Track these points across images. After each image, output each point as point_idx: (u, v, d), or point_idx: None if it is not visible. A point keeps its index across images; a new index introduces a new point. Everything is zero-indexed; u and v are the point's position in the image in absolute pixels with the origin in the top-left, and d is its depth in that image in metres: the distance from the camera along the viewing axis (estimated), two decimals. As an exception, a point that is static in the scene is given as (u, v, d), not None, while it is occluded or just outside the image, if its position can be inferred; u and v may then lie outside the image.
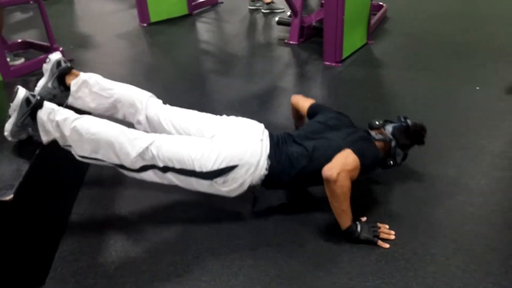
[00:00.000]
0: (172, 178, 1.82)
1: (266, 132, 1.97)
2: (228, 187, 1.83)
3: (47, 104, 1.79)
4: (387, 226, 1.90)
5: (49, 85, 2.00)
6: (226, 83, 3.55)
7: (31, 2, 5.51)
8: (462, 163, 2.39)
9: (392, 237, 1.87)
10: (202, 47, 4.57)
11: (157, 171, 1.80)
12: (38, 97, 1.78)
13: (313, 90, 3.50)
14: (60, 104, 1.85)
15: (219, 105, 3.19)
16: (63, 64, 2.00)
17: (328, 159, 1.81)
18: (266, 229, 1.95)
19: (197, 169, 1.77)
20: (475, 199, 2.11)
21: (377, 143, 2.04)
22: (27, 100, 1.75)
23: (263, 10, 5.40)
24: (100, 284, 1.70)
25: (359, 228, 1.83)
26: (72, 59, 3.99)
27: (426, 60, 3.91)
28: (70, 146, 1.80)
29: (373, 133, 2.09)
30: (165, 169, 1.79)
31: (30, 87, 2.13)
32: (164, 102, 2.06)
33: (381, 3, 5.09)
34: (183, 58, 4.13)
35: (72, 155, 1.82)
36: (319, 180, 1.80)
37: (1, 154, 1.77)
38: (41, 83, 2.01)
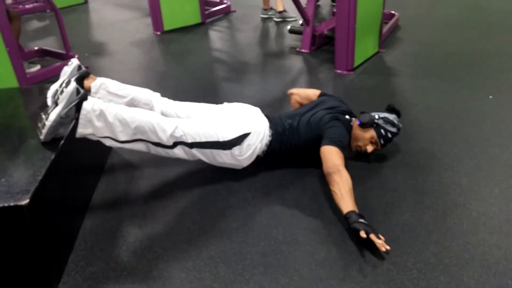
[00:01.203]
0: (196, 153, 2.12)
1: (263, 114, 2.38)
2: (243, 155, 2.18)
3: (90, 97, 1.95)
4: (383, 239, 1.82)
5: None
6: (238, 91, 3.58)
7: (48, 10, 5.62)
8: (475, 172, 2.37)
9: (378, 242, 1.78)
10: (214, 55, 4.60)
11: (184, 147, 2.08)
12: (84, 91, 1.93)
13: (325, 98, 3.50)
14: None
15: (231, 113, 3.21)
16: (83, 68, 2.21)
17: (313, 131, 2.31)
18: (277, 237, 1.96)
19: (220, 139, 2.10)
20: (488, 209, 2.10)
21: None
22: (77, 90, 1.89)
23: (275, 19, 5.42)
24: (113, 290, 1.71)
25: (360, 220, 1.84)
26: (87, 67, 4.04)
27: (438, 68, 3.90)
28: (107, 137, 1.97)
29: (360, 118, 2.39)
30: (192, 145, 2.08)
31: (46, 94, 2.17)
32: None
33: (393, 12, 5.09)
34: (196, 66, 4.17)
35: (90, 156, 1.92)
36: (304, 152, 2.34)
37: (18, 159, 1.80)
38: (55, 85, 2.09)
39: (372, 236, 1.79)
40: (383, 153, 2.57)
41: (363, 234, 1.79)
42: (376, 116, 2.37)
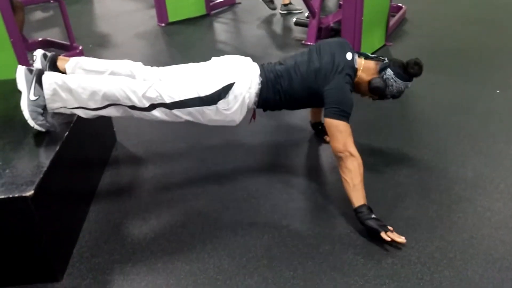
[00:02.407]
0: (179, 114, 1.95)
1: (255, 63, 2.19)
2: (231, 109, 1.98)
3: (49, 72, 1.89)
4: (402, 237, 1.83)
5: None
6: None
7: (52, 1, 5.60)
8: (480, 167, 2.36)
9: (400, 240, 1.80)
10: (219, 47, 4.58)
11: (164, 109, 1.93)
12: (35, 68, 1.88)
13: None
14: None
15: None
16: (48, 54, 2.08)
17: (309, 76, 2.07)
18: (282, 230, 1.95)
19: (201, 94, 1.93)
20: (493, 204, 2.09)
21: (365, 62, 2.16)
22: (29, 70, 1.83)
23: (280, 11, 5.39)
24: (117, 281, 1.72)
25: (372, 215, 1.84)
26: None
27: (445, 62, 3.87)
28: (78, 107, 1.89)
29: (362, 52, 2.21)
30: (172, 105, 1.92)
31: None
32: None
33: (400, 5, 5.05)
34: (201, 58, 4.08)
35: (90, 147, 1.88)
36: (304, 101, 2.16)
37: (23, 151, 1.80)
38: None
39: (393, 236, 1.82)
40: (388, 147, 2.56)
41: (386, 236, 1.80)
42: (389, 77, 2.13)
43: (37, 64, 2.03)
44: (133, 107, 1.91)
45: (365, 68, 2.15)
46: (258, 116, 2.28)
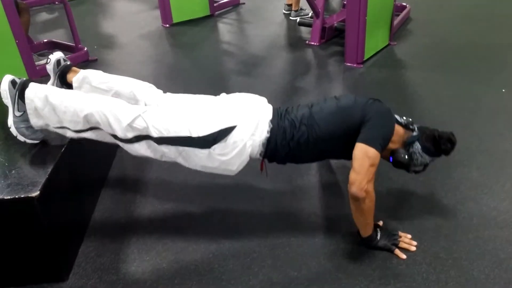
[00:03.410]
0: (167, 151, 1.70)
1: (270, 105, 1.88)
2: (227, 155, 1.69)
3: (34, 83, 1.77)
4: (409, 236, 1.87)
5: (55, 85, 2.02)
6: (247, 84, 3.56)
7: (57, 2, 5.63)
8: (486, 167, 2.35)
9: (413, 248, 1.82)
10: (223, 48, 4.59)
11: (151, 142, 1.70)
12: (24, 78, 1.78)
13: (334, 91, 3.49)
14: None
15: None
16: (62, 63, 2.01)
17: (336, 121, 1.74)
18: (286, 230, 1.95)
19: (193, 134, 1.66)
20: (499, 204, 2.08)
21: (397, 126, 1.85)
22: (12, 82, 1.75)
23: (291, 18, 5.30)
24: (122, 281, 1.72)
25: (379, 236, 1.81)
26: (96, 59, 4.05)
27: (450, 61, 3.86)
28: (61, 127, 1.77)
29: (397, 116, 1.91)
30: (160, 140, 1.68)
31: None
32: (165, 92, 2.03)
33: (404, 4, 5.04)
34: (205, 59, 4.16)
35: (92, 152, 1.82)
36: (328, 150, 1.77)
37: (28, 153, 1.81)
38: (49, 83, 2.03)
39: (405, 246, 1.82)
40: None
41: (401, 254, 1.79)
42: (416, 151, 1.85)
43: (50, 67, 2.01)
44: (114, 136, 1.73)
45: (395, 132, 1.83)
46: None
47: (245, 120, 1.71)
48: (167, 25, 5.04)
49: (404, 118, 1.92)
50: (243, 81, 3.64)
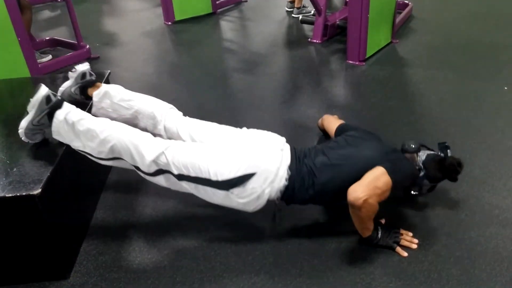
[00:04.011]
0: (186, 187, 1.77)
1: (288, 145, 1.89)
2: (245, 198, 1.73)
3: (66, 105, 1.79)
4: (410, 234, 1.86)
5: (72, 90, 2.03)
6: (249, 81, 3.56)
7: (59, 0, 5.62)
8: (488, 164, 2.34)
9: (414, 246, 1.82)
10: (225, 46, 4.59)
11: (171, 177, 1.75)
12: (59, 97, 1.79)
13: (336, 89, 3.48)
14: (81, 105, 1.86)
15: (241, 103, 3.20)
16: (87, 77, 2.02)
17: (358, 172, 1.71)
18: (288, 228, 1.95)
19: (213, 177, 1.70)
20: (501, 201, 2.07)
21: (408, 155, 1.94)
22: (47, 98, 1.75)
23: (293, 15, 5.29)
24: (124, 279, 1.73)
25: (379, 235, 1.80)
26: (98, 57, 4.06)
27: (452, 59, 3.85)
28: (83, 151, 1.79)
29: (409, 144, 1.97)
30: (180, 176, 1.74)
31: (57, 83, 2.18)
32: (185, 114, 2.05)
33: (406, 1, 5.03)
34: (207, 56, 4.16)
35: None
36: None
37: (30, 150, 1.81)
38: (66, 84, 2.04)
39: (407, 244, 1.82)
40: (395, 143, 2.55)
41: (402, 252, 1.79)
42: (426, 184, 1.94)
43: (74, 75, 2.00)
44: (137, 168, 1.78)
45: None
46: (261, 114, 2.26)
47: (265, 167, 1.73)
48: (169, 23, 5.04)
49: (412, 146, 1.96)
50: (245, 78, 3.64)
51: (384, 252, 1.80)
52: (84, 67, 2.02)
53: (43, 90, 1.75)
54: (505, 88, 3.20)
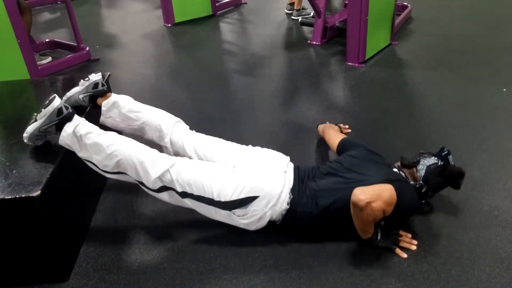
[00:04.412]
0: (189, 204, 1.81)
1: (291, 165, 1.94)
2: (247, 219, 1.79)
3: (76, 118, 1.80)
4: (409, 235, 1.87)
5: (81, 97, 2.03)
6: (249, 83, 3.57)
7: (59, 2, 5.64)
8: (487, 166, 2.34)
9: (414, 247, 1.82)
10: (225, 47, 4.59)
11: (175, 194, 1.80)
12: (71, 110, 1.80)
13: (336, 91, 3.48)
14: (82, 109, 1.87)
15: (241, 104, 3.20)
16: (100, 87, 2.04)
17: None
18: (288, 230, 1.94)
19: (216, 198, 1.75)
20: (500, 202, 2.07)
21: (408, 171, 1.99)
22: (59, 110, 1.77)
23: (293, 17, 5.29)
24: (123, 280, 1.73)
25: (379, 237, 1.80)
26: (98, 59, 4.06)
27: (451, 61, 3.85)
28: (89, 161, 1.82)
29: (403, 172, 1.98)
30: (184, 194, 1.78)
31: (57, 86, 2.19)
32: (191, 128, 2.09)
33: (405, 3, 5.03)
34: (207, 58, 4.16)
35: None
36: (351, 220, 1.75)
37: (30, 152, 1.81)
38: (74, 90, 2.04)
39: (406, 245, 1.82)
40: (395, 145, 2.55)
41: (402, 254, 1.79)
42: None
43: (87, 83, 2.01)
44: (141, 183, 1.83)
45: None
46: (260, 115, 2.26)
47: (267, 191, 1.77)
48: (169, 25, 5.04)
49: (412, 161, 1.99)
50: (245, 80, 3.65)
51: (384, 254, 1.80)
52: (97, 77, 2.05)
53: (56, 102, 1.78)
54: (504, 89, 3.20)
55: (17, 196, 1.54)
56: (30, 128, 1.80)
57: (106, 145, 1.77)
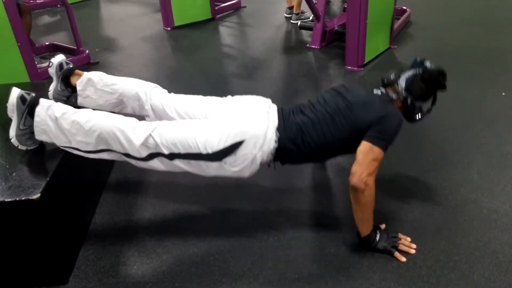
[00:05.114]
0: (180, 165, 1.75)
1: (274, 106, 1.92)
2: (238, 166, 1.74)
3: (43, 101, 1.75)
4: (409, 239, 1.87)
5: (58, 88, 2.02)
6: (248, 86, 3.57)
7: (59, 5, 5.64)
8: (486, 170, 2.35)
9: (413, 251, 1.82)
10: (224, 51, 4.60)
11: (163, 158, 1.74)
12: (33, 94, 1.75)
13: (335, 94, 3.49)
14: (74, 106, 1.85)
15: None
16: (65, 66, 2.01)
17: (350, 126, 1.77)
18: (286, 233, 1.96)
19: (203, 151, 1.70)
20: (499, 206, 2.08)
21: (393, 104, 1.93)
22: (22, 98, 1.71)
23: (292, 21, 5.31)
24: (122, 284, 1.72)
25: (378, 237, 1.81)
26: (98, 62, 4.06)
27: (450, 65, 3.82)
28: (69, 147, 1.76)
29: (385, 91, 1.98)
30: (171, 156, 1.72)
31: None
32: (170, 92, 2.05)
33: (404, 7, 5.05)
34: (206, 62, 4.17)
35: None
36: (339, 149, 1.83)
37: (29, 155, 1.81)
38: (52, 87, 2.04)
39: (406, 249, 1.82)
40: (393, 148, 2.56)
41: (400, 257, 1.79)
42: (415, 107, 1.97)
43: (52, 70, 2.01)
44: (127, 155, 1.75)
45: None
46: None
47: (252, 133, 1.73)
48: (169, 28, 5.05)
49: (391, 77, 2.01)
50: (244, 84, 3.65)
51: (383, 257, 1.80)
52: (59, 58, 2.02)
53: (15, 92, 1.73)
54: (503, 93, 3.21)
55: (17, 199, 1.53)
56: (12, 130, 1.76)
57: (83, 121, 1.71)
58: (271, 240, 1.91)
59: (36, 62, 3.61)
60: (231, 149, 1.71)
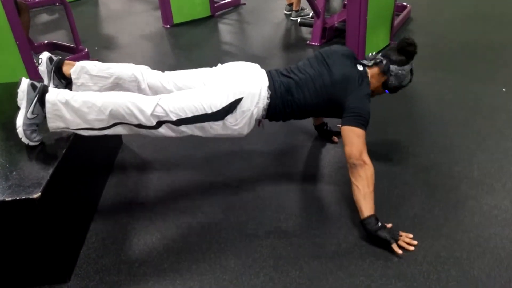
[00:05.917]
0: (185, 130, 1.92)
1: (263, 70, 2.13)
2: (239, 124, 1.94)
3: (52, 88, 1.83)
4: (410, 235, 1.86)
5: (51, 85, 2.04)
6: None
7: (57, 4, 5.63)
8: (487, 165, 2.35)
9: (412, 248, 1.82)
10: (224, 48, 4.59)
11: (170, 125, 1.88)
12: (43, 83, 1.80)
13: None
14: None
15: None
16: (54, 59, 2.06)
17: (332, 87, 2.03)
18: (287, 230, 1.96)
19: (208, 110, 1.88)
20: (500, 202, 2.08)
21: (371, 70, 2.19)
22: (32, 85, 1.77)
23: (292, 18, 5.30)
24: (124, 282, 1.73)
25: (379, 223, 1.82)
26: (97, 60, 4.05)
27: (450, 61, 3.86)
28: (82, 128, 1.83)
29: (365, 61, 2.21)
30: (179, 122, 1.87)
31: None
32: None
33: (405, 3, 5.04)
34: (206, 59, 4.16)
35: (96, 149, 1.85)
36: (314, 113, 2.15)
37: (30, 154, 1.81)
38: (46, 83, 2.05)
39: (404, 245, 1.82)
40: (394, 145, 2.56)
41: (398, 249, 1.79)
42: (396, 71, 2.18)
43: (43, 67, 2.03)
44: (139, 126, 1.86)
45: (373, 75, 2.18)
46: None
47: (249, 91, 1.95)
48: (168, 26, 5.04)
49: (370, 54, 2.26)
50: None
51: (384, 254, 1.80)
52: (46, 54, 2.07)
53: (25, 80, 1.80)
54: (504, 89, 3.20)
55: (18, 198, 1.53)
56: (19, 119, 1.78)
57: (95, 100, 1.80)
58: (272, 238, 1.91)
59: (35, 61, 3.60)
60: (233, 106, 1.91)
